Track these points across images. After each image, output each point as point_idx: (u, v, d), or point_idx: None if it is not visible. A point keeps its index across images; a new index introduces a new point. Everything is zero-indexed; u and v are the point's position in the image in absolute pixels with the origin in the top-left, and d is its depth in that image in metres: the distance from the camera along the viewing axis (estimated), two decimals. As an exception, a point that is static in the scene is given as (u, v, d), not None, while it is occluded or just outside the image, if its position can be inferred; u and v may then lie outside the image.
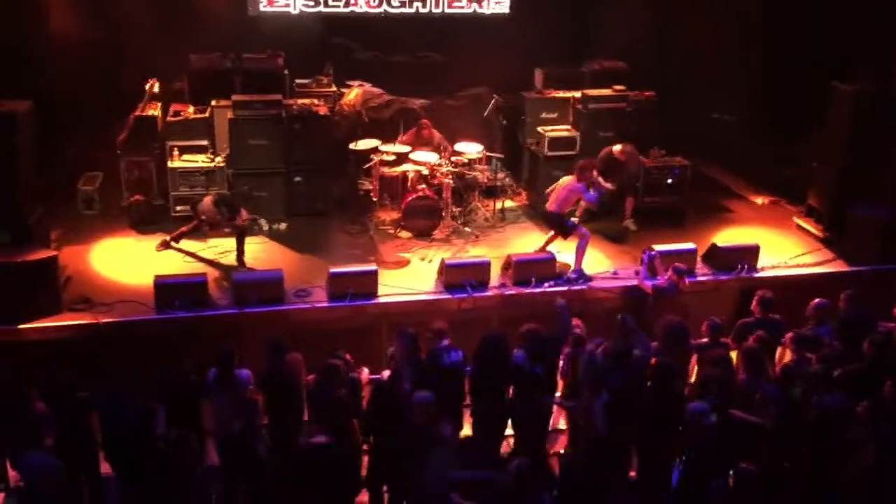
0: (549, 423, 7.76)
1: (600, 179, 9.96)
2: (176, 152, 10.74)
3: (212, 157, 10.84)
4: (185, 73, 11.63)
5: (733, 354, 7.83)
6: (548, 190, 10.17)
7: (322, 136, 11.04)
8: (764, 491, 6.36)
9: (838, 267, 10.28)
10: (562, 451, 7.89)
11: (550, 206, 9.82)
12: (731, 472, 6.69)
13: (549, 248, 10.04)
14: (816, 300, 8.29)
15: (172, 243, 10.11)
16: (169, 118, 11.01)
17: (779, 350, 8.05)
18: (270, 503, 6.79)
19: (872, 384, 6.96)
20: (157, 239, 10.22)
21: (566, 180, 9.75)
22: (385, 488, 6.98)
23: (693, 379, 7.89)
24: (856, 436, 6.60)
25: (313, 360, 7.36)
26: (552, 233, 10.08)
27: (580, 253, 9.70)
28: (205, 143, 10.92)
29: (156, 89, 11.26)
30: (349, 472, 6.51)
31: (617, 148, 10.85)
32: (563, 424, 8.13)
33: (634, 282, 9.35)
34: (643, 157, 11.22)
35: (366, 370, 7.63)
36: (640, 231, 10.93)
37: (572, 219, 9.84)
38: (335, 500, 6.17)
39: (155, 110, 11.19)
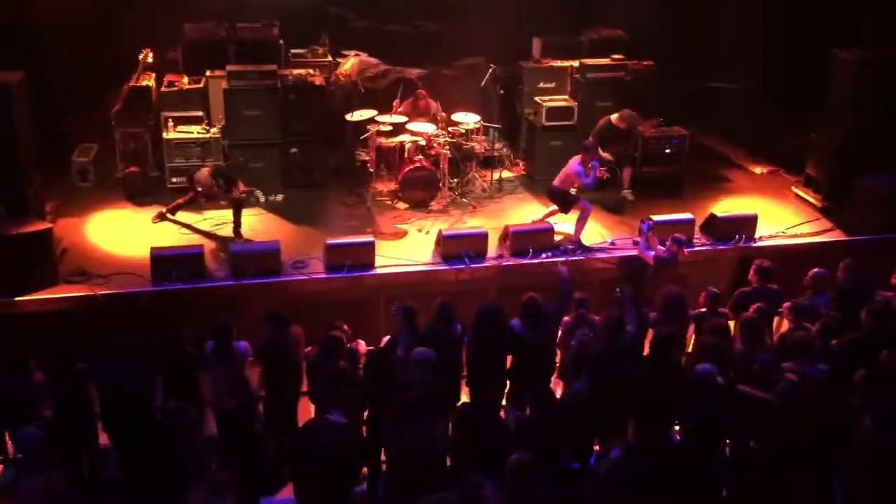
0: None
1: (599, 150, 9.91)
2: (171, 123, 10.66)
3: (207, 128, 10.76)
4: (179, 43, 11.49)
5: (731, 324, 7.84)
6: None
7: (318, 107, 10.93)
8: (764, 463, 6.38)
9: (836, 236, 10.27)
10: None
11: (556, 181, 9.83)
12: (728, 443, 6.73)
13: (547, 220, 10.02)
14: (814, 270, 8.28)
15: (169, 215, 10.06)
16: (163, 88, 10.91)
17: (776, 320, 8.05)
18: (270, 478, 6.78)
19: (870, 353, 6.96)
20: (153, 211, 10.18)
21: (573, 160, 9.72)
22: (383, 455, 6.98)
23: (690, 348, 7.90)
24: (851, 405, 6.59)
25: (311, 331, 7.35)
26: (554, 207, 10.06)
27: (580, 224, 9.69)
28: (200, 113, 10.82)
29: (150, 59, 11.13)
30: (357, 445, 6.48)
31: (615, 116, 10.79)
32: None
33: (632, 252, 9.33)
34: (641, 127, 11.16)
35: (362, 342, 7.62)
36: (638, 201, 10.86)
37: (571, 189, 9.81)
38: (343, 476, 6.10)
39: (149, 81, 11.08)
